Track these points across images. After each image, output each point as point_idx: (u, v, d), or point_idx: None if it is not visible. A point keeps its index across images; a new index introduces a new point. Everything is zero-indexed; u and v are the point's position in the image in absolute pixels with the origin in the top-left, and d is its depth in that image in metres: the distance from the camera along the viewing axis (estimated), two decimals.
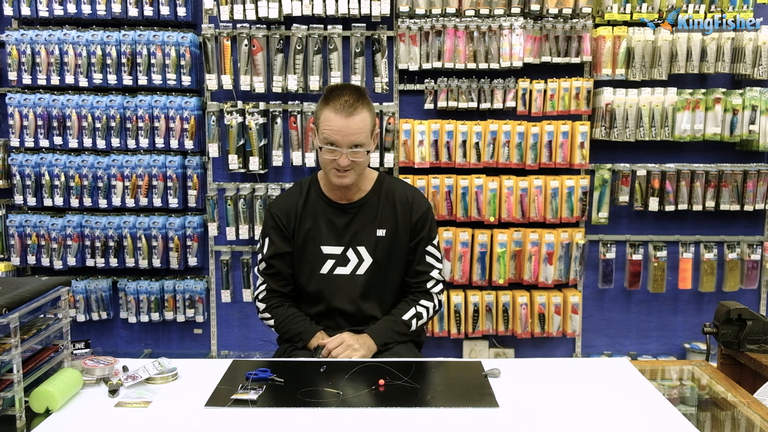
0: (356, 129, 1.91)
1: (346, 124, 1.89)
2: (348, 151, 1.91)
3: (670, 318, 3.68)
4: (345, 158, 1.92)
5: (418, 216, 2.08)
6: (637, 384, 1.65)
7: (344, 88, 1.95)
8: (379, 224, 2.06)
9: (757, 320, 1.98)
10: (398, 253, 2.08)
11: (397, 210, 2.07)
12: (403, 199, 2.08)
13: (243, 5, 3.30)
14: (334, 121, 1.90)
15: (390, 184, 2.12)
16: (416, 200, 2.10)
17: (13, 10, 3.42)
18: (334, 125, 1.90)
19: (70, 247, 3.48)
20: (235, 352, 3.68)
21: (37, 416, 1.44)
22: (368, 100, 1.97)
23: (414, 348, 2.11)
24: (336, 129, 1.90)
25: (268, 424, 1.43)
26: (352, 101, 1.90)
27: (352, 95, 1.91)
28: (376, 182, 2.10)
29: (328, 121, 1.91)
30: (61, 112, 3.42)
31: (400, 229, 2.07)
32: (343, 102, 1.90)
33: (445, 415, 1.45)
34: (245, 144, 3.44)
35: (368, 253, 2.05)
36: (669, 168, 3.45)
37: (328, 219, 2.06)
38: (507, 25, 3.32)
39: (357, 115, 1.90)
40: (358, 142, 1.92)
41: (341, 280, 2.05)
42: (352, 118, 1.90)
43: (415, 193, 2.13)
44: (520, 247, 3.44)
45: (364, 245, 2.05)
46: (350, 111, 1.89)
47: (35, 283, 1.55)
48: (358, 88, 1.97)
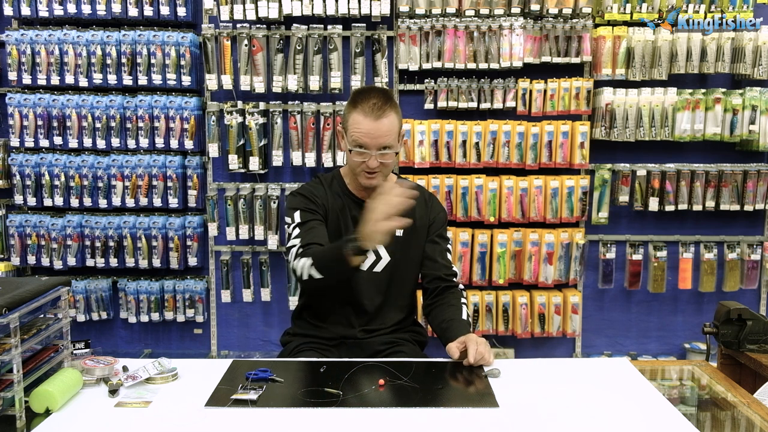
0: (385, 131, 1.92)
1: (376, 126, 1.91)
2: (377, 153, 1.93)
3: (670, 318, 3.68)
4: (374, 160, 1.93)
5: (435, 216, 2.11)
6: (637, 384, 1.65)
7: (372, 90, 1.97)
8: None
9: (757, 320, 1.98)
10: (414, 254, 2.09)
11: (415, 211, 2.08)
12: (421, 201, 2.10)
13: (243, 5, 3.30)
14: (363, 124, 1.91)
15: (408, 186, 2.14)
16: (434, 203, 2.15)
17: (13, 10, 3.42)
18: (363, 128, 1.91)
19: (70, 247, 3.48)
20: (235, 352, 3.68)
21: (37, 416, 1.44)
22: (395, 103, 1.99)
23: (417, 348, 2.11)
24: (365, 131, 1.91)
25: (268, 424, 1.42)
26: (381, 104, 1.92)
27: (380, 98, 1.93)
28: (396, 183, 2.12)
29: (357, 123, 1.92)
30: (61, 112, 3.42)
31: (418, 230, 2.08)
32: (372, 105, 1.91)
33: (445, 415, 1.45)
34: (245, 144, 3.44)
35: (386, 252, 2.06)
36: (669, 168, 3.45)
37: (353, 215, 2.07)
38: (507, 25, 3.32)
39: (385, 118, 1.92)
40: (386, 144, 1.94)
41: (359, 277, 2.06)
42: (380, 120, 1.91)
43: (432, 196, 2.18)
44: (520, 247, 3.44)
45: (382, 243, 2.06)
46: (379, 114, 1.91)
47: (35, 283, 1.54)
48: (386, 91, 2.00)
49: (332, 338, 2.07)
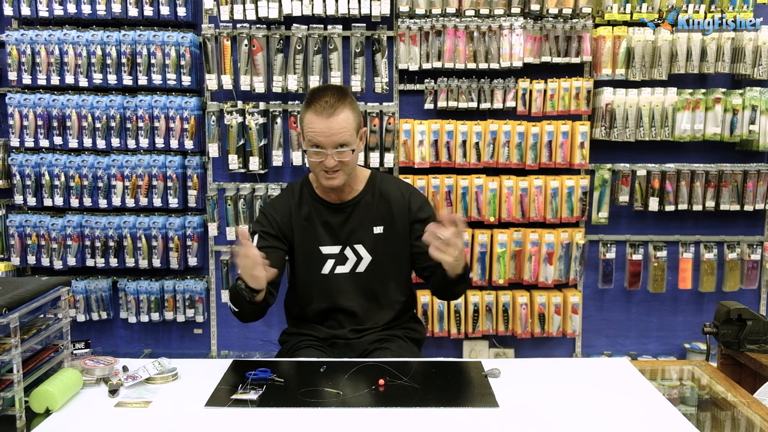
0: (339, 129, 1.90)
1: (328, 124, 1.89)
2: (333, 151, 1.91)
3: (670, 318, 3.68)
4: (331, 159, 1.92)
5: (417, 206, 2.08)
6: (637, 384, 1.65)
7: (325, 89, 1.95)
8: (375, 222, 2.06)
9: (757, 320, 1.98)
10: (399, 250, 2.08)
11: (392, 207, 2.07)
12: (398, 196, 2.08)
13: (243, 5, 3.30)
14: (315, 123, 1.90)
15: (383, 181, 2.12)
16: (413, 195, 2.11)
17: (13, 10, 3.42)
18: (316, 127, 1.90)
19: (70, 247, 3.48)
20: (235, 352, 3.68)
21: (37, 416, 1.44)
22: (351, 99, 1.96)
23: (414, 346, 2.11)
24: (319, 130, 1.90)
25: (268, 424, 1.43)
26: (333, 101, 1.90)
27: (332, 95, 1.91)
28: (368, 181, 2.10)
29: (310, 123, 1.91)
30: (61, 112, 3.42)
31: (398, 225, 2.07)
32: (324, 103, 1.90)
33: (445, 415, 1.45)
34: (245, 144, 3.44)
35: (366, 251, 2.05)
36: (669, 168, 3.45)
37: (324, 219, 2.06)
38: (507, 25, 3.32)
39: (339, 115, 1.90)
40: (342, 141, 1.92)
41: (342, 279, 2.05)
42: (333, 118, 1.89)
43: (410, 188, 2.13)
44: (520, 247, 3.44)
45: (361, 243, 2.05)
46: (331, 111, 1.89)
47: (35, 283, 1.55)
48: (340, 88, 1.97)
49: (325, 338, 2.07)
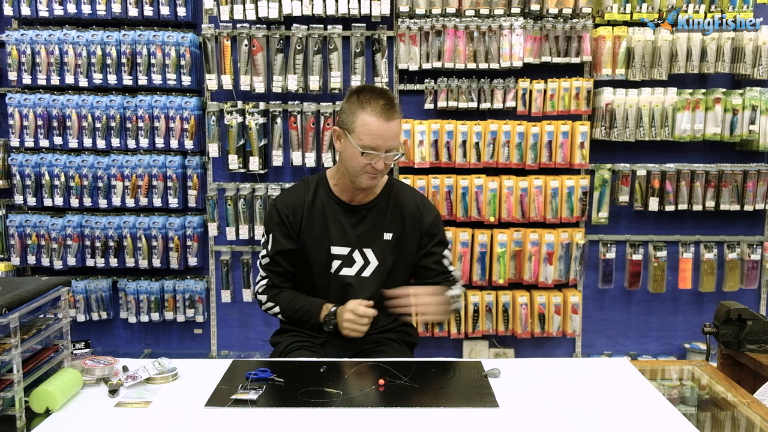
0: (395, 133, 1.93)
1: (389, 127, 1.90)
2: (385, 155, 1.92)
3: (670, 318, 3.68)
4: (382, 162, 1.92)
5: (430, 221, 2.09)
6: (637, 384, 1.65)
7: (377, 91, 1.95)
8: (386, 228, 2.07)
9: (757, 320, 1.98)
10: (404, 259, 2.08)
11: (405, 216, 2.07)
12: (412, 206, 2.09)
13: (243, 5, 3.30)
14: (374, 126, 1.89)
15: (399, 189, 2.13)
16: (426, 207, 2.12)
17: (13, 10, 3.42)
18: (375, 130, 1.89)
19: (70, 247, 3.48)
20: (235, 352, 3.68)
21: (37, 416, 1.44)
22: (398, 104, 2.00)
23: (407, 350, 2.11)
24: (378, 134, 1.90)
25: (268, 424, 1.42)
26: (389, 106, 1.91)
27: (388, 100, 1.92)
28: (385, 186, 2.11)
29: (367, 125, 1.89)
30: (61, 112, 3.42)
31: (408, 235, 2.07)
32: (382, 106, 1.90)
33: (445, 415, 1.45)
34: (245, 144, 3.44)
35: (375, 256, 2.05)
36: (669, 168, 3.45)
37: (337, 219, 2.06)
38: (507, 25, 3.32)
39: (394, 120, 1.92)
40: (395, 145, 1.94)
41: (347, 281, 2.05)
42: (393, 122, 1.91)
43: (424, 200, 2.15)
44: (520, 247, 3.44)
45: (371, 248, 2.05)
46: (388, 116, 1.90)
47: (35, 283, 1.55)
48: (390, 92, 2.00)
49: (319, 338, 2.07)
